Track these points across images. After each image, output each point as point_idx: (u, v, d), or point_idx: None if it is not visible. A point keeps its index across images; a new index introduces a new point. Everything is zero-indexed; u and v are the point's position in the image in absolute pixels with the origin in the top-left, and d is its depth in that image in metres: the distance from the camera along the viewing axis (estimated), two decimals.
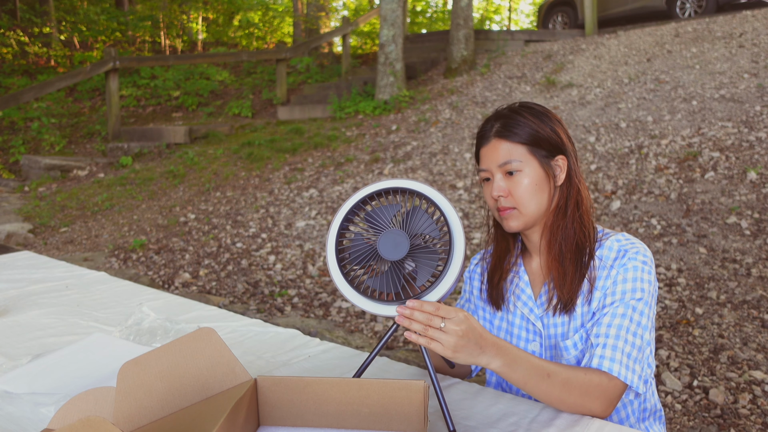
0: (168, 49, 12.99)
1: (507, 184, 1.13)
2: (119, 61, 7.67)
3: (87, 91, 10.45)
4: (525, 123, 1.13)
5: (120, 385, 0.87)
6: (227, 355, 0.95)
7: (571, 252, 1.13)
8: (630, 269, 1.09)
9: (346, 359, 1.27)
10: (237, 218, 5.01)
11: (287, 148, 6.68)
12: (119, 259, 4.44)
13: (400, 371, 1.21)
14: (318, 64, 10.79)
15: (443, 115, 6.68)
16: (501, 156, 1.13)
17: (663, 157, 4.49)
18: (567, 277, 1.12)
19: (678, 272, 3.17)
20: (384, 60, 7.66)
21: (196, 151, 7.11)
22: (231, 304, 3.50)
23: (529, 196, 1.12)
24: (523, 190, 1.12)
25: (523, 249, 1.24)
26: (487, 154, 1.15)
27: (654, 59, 6.60)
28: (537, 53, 8.06)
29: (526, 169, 1.12)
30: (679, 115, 5.08)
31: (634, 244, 1.12)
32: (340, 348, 1.34)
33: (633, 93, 5.82)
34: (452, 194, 4.66)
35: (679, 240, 3.46)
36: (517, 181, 1.12)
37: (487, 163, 1.15)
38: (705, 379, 2.36)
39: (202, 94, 9.92)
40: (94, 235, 5.09)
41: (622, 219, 3.80)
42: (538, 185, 1.12)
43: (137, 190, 6.15)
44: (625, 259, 1.10)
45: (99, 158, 7.41)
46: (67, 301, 1.70)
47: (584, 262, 1.12)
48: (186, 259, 4.31)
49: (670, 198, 3.93)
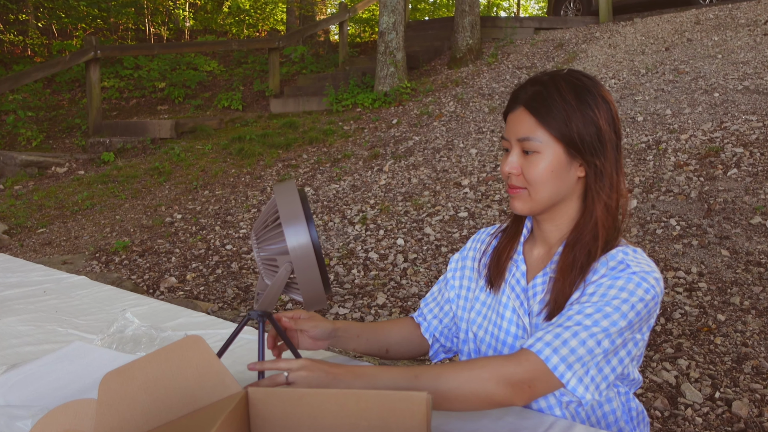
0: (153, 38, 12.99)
1: (521, 161, 1.09)
2: (101, 50, 7.67)
3: (66, 82, 10.45)
4: (560, 107, 1.06)
5: (101, 397, 0.87)
6: (216, 365, 0.95)
7: (580, 264, 1.08)
8: (623, 278, 1.02)
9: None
10: (227, 218, 5.01)
11: (280, 144, 6.68)
12: (100, 262, 4.44)
13: None
14: (313, 54, 10.80)
15: (447, 108, 6.68)
16: (522, 130, 1.09)
17: (683, 152, 4.49)
18: (566, 290, 1.08)
19: (699, 276, 3.17)
20: (384, 49, 7.66)
21: (182, 147, 7.11)
22: (220, 310, 3.50)
23: (543, 180, 1.08)
24: (537, 173, 1.08)
25: (530, 234, 1.22)
26: (512, 122, 1.11)
27: (673, 48, 6.60)
28: (548, 42, 8.06)
29: (547, 151, 1.07)
30: (699, 108, 5.08)
31: (640, 264, 1.04)
32: (337, 357, 1.34)
33: (650, 84, 5.82)
34: (457, 193, 4.67)
35: (699, 242, 3.46)
36: (533, 162, 1.08)
37: (509, 131, 1.12)
38: (728, 390, 2.36)
39: (190, 85, 9.92)
40: (74, 237, 5.09)
41: (638, 219, 3.80)
42: (556, 172, 1.07)
43: (120, 188, 6.15)
44: (624, 273, 1.03)
45: (79, 154, 7.41)
46: (44, 307, 1.70)
47: (584, 277, 1.07)
48: (172, 262, 4.31)
49: (690, 197, 3.93)
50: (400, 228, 4.28)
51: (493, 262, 1.23)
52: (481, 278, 1.26)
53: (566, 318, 1.02)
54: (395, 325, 1.39)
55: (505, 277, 1.20)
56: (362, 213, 4.63)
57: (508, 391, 0.98)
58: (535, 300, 1.14)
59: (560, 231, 1.15)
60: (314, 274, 1.04)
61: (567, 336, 0.98)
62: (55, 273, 2.04)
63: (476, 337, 1.24)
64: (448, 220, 4.26)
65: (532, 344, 1.00)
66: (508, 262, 1.20)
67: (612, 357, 1.01)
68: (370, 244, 4.12)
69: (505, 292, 1.19)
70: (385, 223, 4.40)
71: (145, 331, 1.43)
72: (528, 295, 1.16)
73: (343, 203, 4.90)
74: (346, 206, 4.82)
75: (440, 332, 1.33)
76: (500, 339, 1.18)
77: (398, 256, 3.87)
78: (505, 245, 1.22)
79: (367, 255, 3.97)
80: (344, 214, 4.68)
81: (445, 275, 1.36)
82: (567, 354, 0.97)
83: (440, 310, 1.34)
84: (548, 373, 0.98)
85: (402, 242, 4.05)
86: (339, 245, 4.17)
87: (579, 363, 0.98)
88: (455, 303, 1.31)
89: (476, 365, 1.00)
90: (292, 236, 1.02)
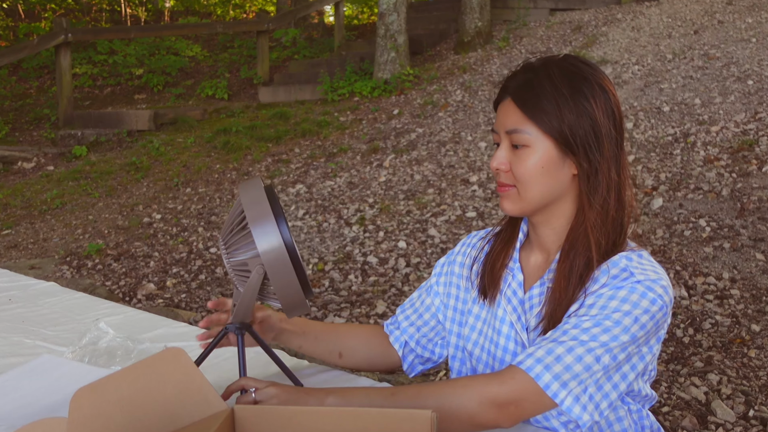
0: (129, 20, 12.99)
1: (510, 156, 1.09)
2: (72, 33, 7.66)
3: (34, 68, 10.45)
4: (551, 97, 1.05)
5: (73, 415, 0.86)
6: (199, 381, 0.94)
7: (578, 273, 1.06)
8: (626, 289, 1.01)
9: (341, 384, 1.26)
10: (211, 218, 5.01)
11: (270, 136, 6.69)
12: (72, 267, 4.44)
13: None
14: (306, 37, 10.80)
15: (454, 97, 6.69)
16: (509, 122, 1.08)
17: (713, 146, 4.49)
18: (563, 302, 1.07)
19: (731, 282, 3.17)
20: (384, 32, 7.66)
21: (162, 140, 7.11)
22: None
23: (533, 177, 1.07)
24: (526, 169, 1.07)
25: (526, 239, 1.21)
26: (500, 113, 1.11)
27: (702, 31, 6.60)
28: (564, 24, 8.06)
29: (537, 145, 1.06)
30: (732, 97, 5.08)
31: (646, 270, 1.03)
32: (331, 372, 1.34)
33: (678, 71, 5.82)
34: (464, 190, 4.67)
35: (731, 244, 3.46)
36: (522, 157, 1.07)
37: (498, 123, 1.12)
38: (763, 408, 2.36)
39: (170, 72, 9.92)
40: (42, 239, 5.09)
41: (664, 220, 3.80)
42: (546, 168, 1.06)
43: (93, 185, 6.15)
44: (626, 283, 1.02)
45: (48, 148, 7.41)
46: (9, 317, 1.70)
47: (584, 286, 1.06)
48: (151, 267, 4.31)
49: (721, 195, 3.93)
50: (402, 229, 4.28)
51: (486, 270, 1.21)
52: (474, 288, 1.24)
53: (561, 332, 1.00)
54: (354, 328, 1.39)
55: (500, 288, 1.18)
56: (360, 213, 4.63)
57: (492, 412, 0.97)
58: (532, 313, 1.13)
59: (558, 235, 1.13)
60: (290, 276, 1.04)
61: (561, 351, 0.97)
62: (22, 279, 2.03)
63: (472, 355, 1.22)
64: (455, 221, 4.26)
65: (522, 360, 0.99)
66: (503, 271, 1.19)
67: (614, 373, 1.00)
68: (369, 247, 4.12)
69: (501, 304, 1.17)
70: (386, 223, 4.40)
71: (120, 342, 1.43)
72: (525, 307, 1.14)
73: (339, 202, 4.90)
74: (343, 205, 4.82)
75: (416, 341, 1.31)
76: (497, 357, 1.17)
77: (400, 261, 3.87)
78: (500, 252, 1.21)
79: (366, 259, 3.97)
80: (340, 214, 4.68)
81: (429, 281, 1.34)
82: (561, 371, 0.96)
83: (418, 317, 1.32)
84: (538, 392, 0.96)
85: (404, 245, 4.05)
86: (334, 248, 4.17)
87: (575, 381, 0.96)
88: (442, 313, 1.29)
89: (458, 384, 1.00)
90: (261, 238, 1.03)
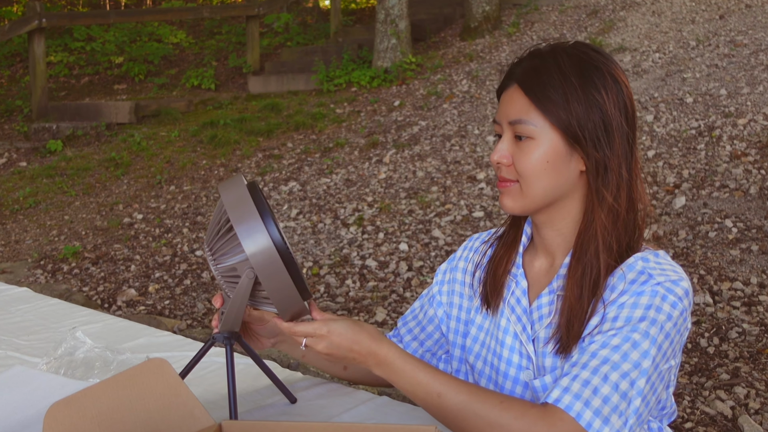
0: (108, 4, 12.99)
1: (513, 149, 1.09)
2: (46, 18, 7.66)
3: (5, 56, 10.44)
4: (559, 86, 1.05)
5: (47, 430, 0.87)
6: (184, 394, 0.95)
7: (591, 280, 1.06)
8: (647, 294, 1.02)
9: (337, 398, 1.27)
10: (196, 219, 5.01)
11: (260, 130, 6.68)
12: (46, 271, 4.44)
13: (405, 414, 1.21)
14: (300, 23, 10.80)
15: (459, 88, 6.68)
16: (513, 111, 1.09)
17: (740, 140, 4.49)
18: (580, 313, 1.06)
19: (759, 288, 3.17)
20: (384, 17, 7.66)
21: (144, 134, 7.11)
22: (189, 328, 3.50)
23: (537, 172, 1.07)
24: (529, 163, 1.07)
25: (530, 242, 1.21)
26: (504, 101, 1.11)
27: (729, 16, 6.59)
28: (579, 8, 8.06)
29: (542, 138, 1.06)
30: (761, 88, 5.08)
31: (665, 271, 1.04)
32: (327, 384, 1.34)
33: (702, 59, 5.82)
34: (471, 188, 4.67)
35: (760, 247, 3.46)
36: (526, 150, 1.07)
37: (500, 113, 1.12)
38: None
39: (152, 60, 9.92)
40: (14, 241, 5.09)
41: (687, 220, 3.80)
42: (552, 162, 1.06)
43: (69, 183, 6.15)
44: (646, 286, 1.02)
45: (20, 142, 7.41)
46: None
47: (599, 294, 1.06)
48: (131, 271, 4.31)
49: (749, 193, 3.93)
50: (404, 230, 4.28)
51: (489, 277, 1.21)
52: (477, 296, 1.24)
53: (590, 355, 1.00)
54: None
55: (503, 296, 1.18)
56: (358, 212, 4.63)
57: None
58: (541, 324, 1.13)
59: (563, 238, 1.14)
60: (283, 277, 1.04)
61: (597, 382, 0.97)
62: None
63: (474, 369, 1.23)
64: (461, 221, 4.26)
65: (559, 398, 0.98)
66: (506, 277, 1.19)
67: (650, 397, 1.01)
68: (368, 249, 4.13)
69: (504, 313, 1.17)
70: (386, 224, 4.40)
71: (98, 353, 1.43)
72: (532, 317, 1.14)
73: (336, 201, 4.90)
74: (339, 204, 4.82)
75: (420, 356, 1.32)
76: (501, 371, 1.17)
77: (401, 264, 3.87)
78: (502, 256, 1.21)
79: (364, 262, 3.97)
80: (337, 213, 4.69)
81: (430, 289, 1.34)
82: (600, 405, 0.96)
83: (421, 330, 1.33)
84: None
85: (405, 247, 4.05)
86: (330, 251, 4.17)
87: (615, 414, 0.97)
88: (445, 324, 1.30)
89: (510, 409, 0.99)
90: (247, 239, 1.02)
